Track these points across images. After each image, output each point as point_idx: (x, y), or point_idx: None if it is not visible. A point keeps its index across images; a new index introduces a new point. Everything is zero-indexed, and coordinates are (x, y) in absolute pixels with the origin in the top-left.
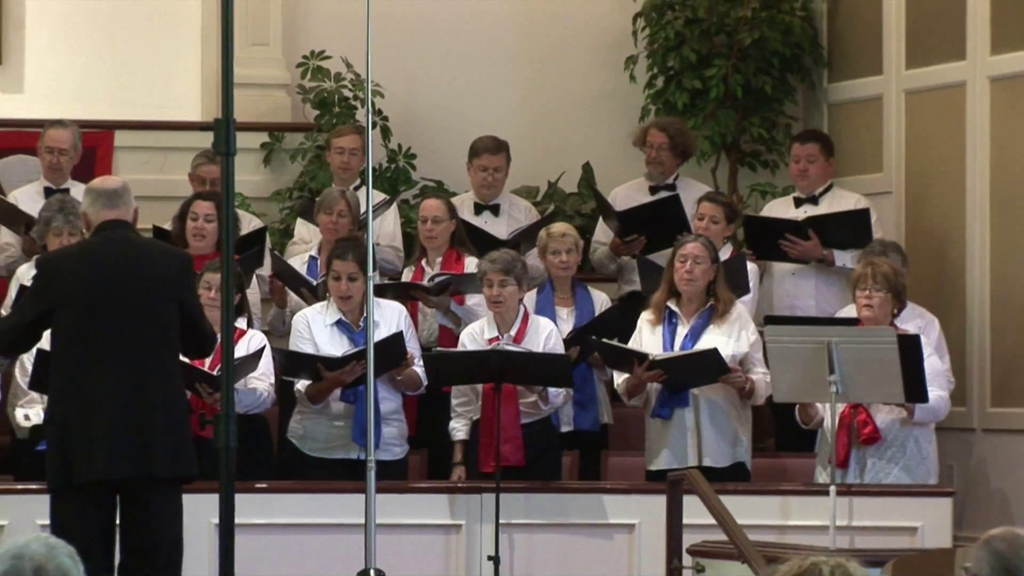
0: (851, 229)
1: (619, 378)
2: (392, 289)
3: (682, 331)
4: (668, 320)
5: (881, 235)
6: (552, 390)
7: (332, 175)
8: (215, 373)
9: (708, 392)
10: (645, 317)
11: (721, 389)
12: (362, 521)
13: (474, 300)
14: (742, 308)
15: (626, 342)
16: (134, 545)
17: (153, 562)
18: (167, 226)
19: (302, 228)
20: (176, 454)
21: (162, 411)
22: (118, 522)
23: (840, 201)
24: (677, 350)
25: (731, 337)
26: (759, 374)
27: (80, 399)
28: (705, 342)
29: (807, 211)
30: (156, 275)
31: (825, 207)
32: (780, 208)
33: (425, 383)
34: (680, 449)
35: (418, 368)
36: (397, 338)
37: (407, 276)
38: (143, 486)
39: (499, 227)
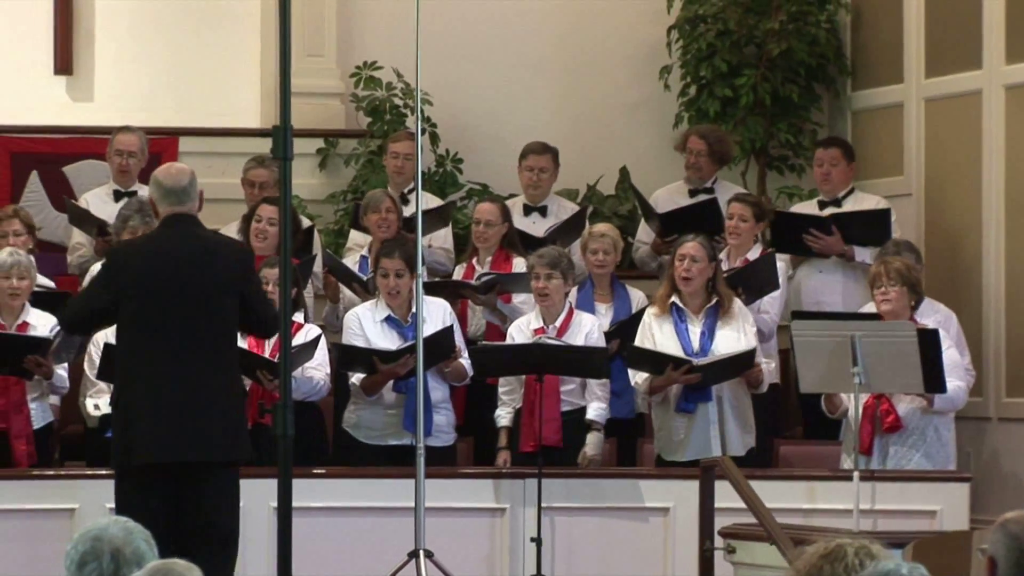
0: (872, 227)
1: (638, 377)
2: (442, 287)
3: (695, 329)
4: (678, 318)
5: (899, 235)
6: (469, 368)
7: (384, 179)
8: (275, 360)
9: (726, 385)
10: (650, 312)
11: (736, 381)
12: (412, 505)
13: (520, 299)
14: (739, 302)
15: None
16: (192, 527)
17: (211, 543)
18: (232, 227)
19: (356, 236)
20: (231, 439)
21: (218, 398)
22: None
23: (862, 203)
24: (697, 348)
25: (740, 332)
26: (764, 363)
27: (142, 386)
28: (720, 339)
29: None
30: (217, 269)
31: (848, 209)
32: (805, 210)
33: (471, 375)
34: (704, 442)
35: (464, 361)
36: (446, 332)
37: (458, 274)
38: (200, 470)
39: (546, 227)
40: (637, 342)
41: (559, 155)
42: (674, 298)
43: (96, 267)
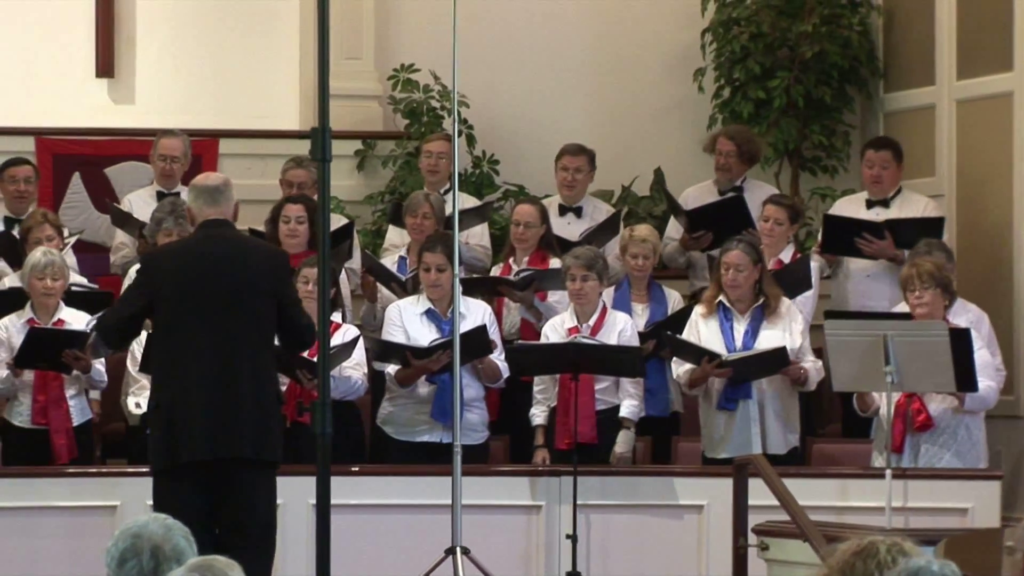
0: (924, 234)
1: (680, 368)
2: (479, 283)
3: (739, 328)
4: (724, 316)
5: None
6: (503, 369)
7: (421, 180)
8: (313, 360)
9: (768, 383)
10: (698, 311)
11: (778, 380)
12: (449, 502)
13: (555, 297)
14: (789, 302)
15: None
16: (229, 523)
17: (247, 539)
18: (261, 228)
19: (393, 234)
20: (262, 440)
21: (252, 399)
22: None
23: (909, 203)
24: (739, 346)
25: (785, 331)
26: (810, 362)
27: (177, 387)
28: (763, 338)
29: (878, 213)
30: (252, 271)
31: (896, 209)
32: (851, 207)
33: (505, 375)
34: (745, 439)
35: (498, 361)
36: (482, 331)
37: (495, 272)
38: (236, 468)
39: (581, 228)
40: (685, 336)
41: (595, 157)
42: (721, 297)
43: (133, 271)
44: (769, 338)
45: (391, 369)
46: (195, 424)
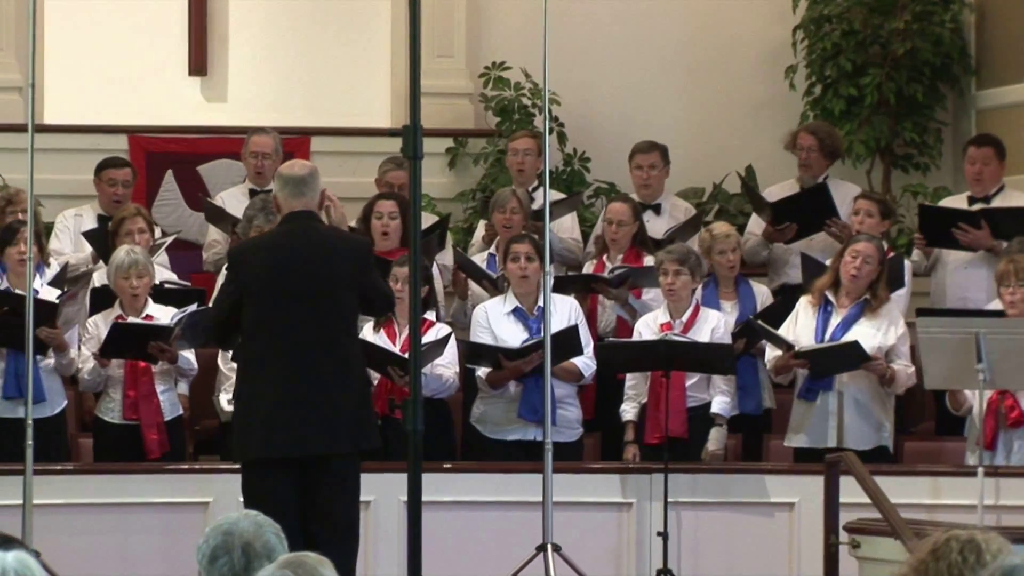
0: (1022, 224)
1: (770, 354)
2: (573, 281)
3: (835, 320)
4: (824, 308)
5: None
6: (583, 367)
7: (512, 177)
8: (405, 356)
9: (852, 379)
10: (805, 300)
11: (864, 377)
12: (540, 499)
13: (650, 295)
14: (894, 305)
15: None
16: (315, 515)
17: (331, 533)
18: (353, 224)
19: (479, 232)
20: (353, 430)
21: (338, 391)
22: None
23: (1011, 200)
24: (827, 338)
25: (879, 330)
26: (901, 365)
27: (263, 381)
28: (854, 332)
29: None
30: (336, 264)
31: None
32: (954, 205)
33: (587, 374)
34: (820, 430)
35: (580, 361)
36: (573, 331)
37: (588, 270)
38: (322, 461)
39: (660, 226)
40: (784, 326)
41: (678, 152)
42: (828, 291)
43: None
44: (859, 334)
45: (482, 371)
46: (279, 420)
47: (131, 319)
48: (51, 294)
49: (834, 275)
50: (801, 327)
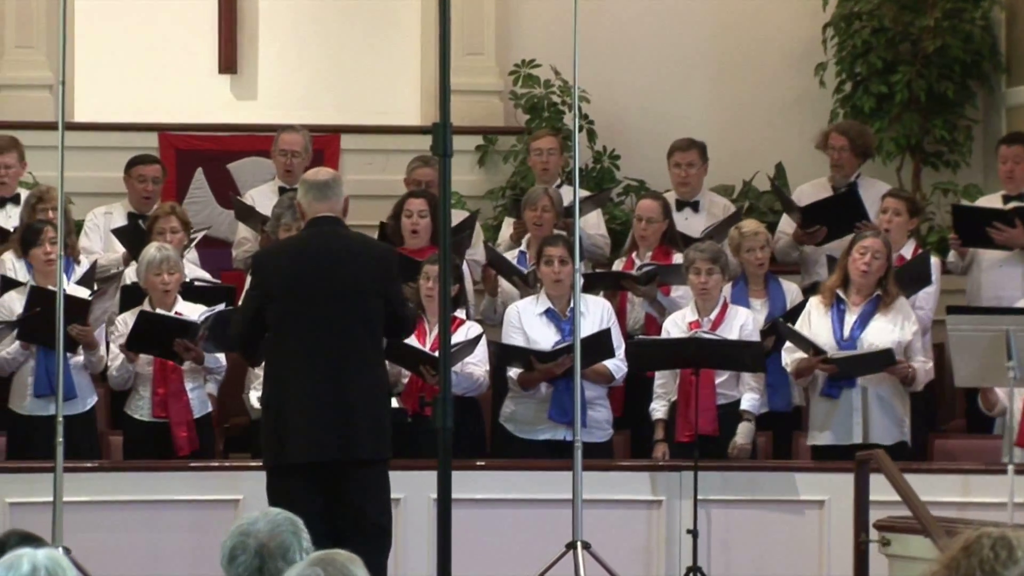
0: None
1: (788, 357)
2: (602, 278)
3: (850, 318)
4: (837, 306)
5: None
6: (614, 370)
7: (536, 176)
8: (436, 355)
9: (873, 376)
10: (815, 301)
11: (885, 375)
12: (569, 497)
13: (678, 292)
14: (904, 300)
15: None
16: (344, 520)
17: (363, 534)
18: (376, 224)
19: (506, 230)
20: (375, 438)
21: (363, 398)
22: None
23: None
24: (846, 336)
25: (896, 326)
26: (919, 362)
27: (288, 387)
28: (872, 329)
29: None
30: (361, 269)
31: None
32: (988, 204)
33: (618, 376)
34: (845, 427)
35: (611, 364)
36: (606, 334)
37: (617, 267)
38: (347, 466)
39: (699, 223)
40: (797, 325)
41: (707, 149)
42: (839, 289)
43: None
44: (878, 330)
45: (513, 372)
46: (303, 426)
47: (159, 311)
48: (80, 292)
49: (843, 273)
50: (816, 327)
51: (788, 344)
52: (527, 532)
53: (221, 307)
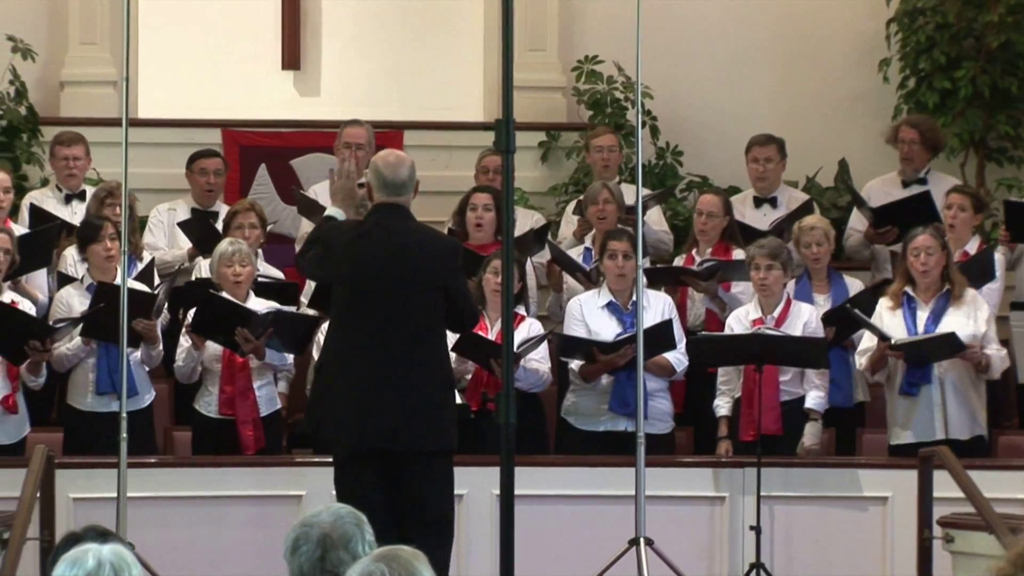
0: None
1: (861, 359)
2: (663, 273)
3: (922, 315)
4: (907, 305)
5: None
6: (675, 363)
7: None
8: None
9: (949, 369)
10: (884, 304)
11: (960, 366)
12: (633, 493)
13: (739, 288)
14: (974, 291)
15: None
16: (408, 510)
17: (425, 526)
18: (449, 221)
19: (566, 226)
20: (436, 429)
21: (423, 389)
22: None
23: None
24: (921, 331)
25: (969, 318)
26: (993, 350)
27: (348, 377)
28: (946, 324)
29: None
30: (423, 260)
31: None
32: None
33: (678, 370)
34: (927, 424)
35: (672, 356)
36: (667, 325)
37: (678, 263)
38: (411, 457)
39: (775, 218)
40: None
41: (785, 145)
42: (906, 287)
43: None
44: (952, 324)
45: (575, 364)
46: (363, 416)
47: (223, 294)
48: (141, 288)
49: (904, 276)
50: (889, 328)
51: (859, 348)
52: (590, 528)
53: (280, 307)
